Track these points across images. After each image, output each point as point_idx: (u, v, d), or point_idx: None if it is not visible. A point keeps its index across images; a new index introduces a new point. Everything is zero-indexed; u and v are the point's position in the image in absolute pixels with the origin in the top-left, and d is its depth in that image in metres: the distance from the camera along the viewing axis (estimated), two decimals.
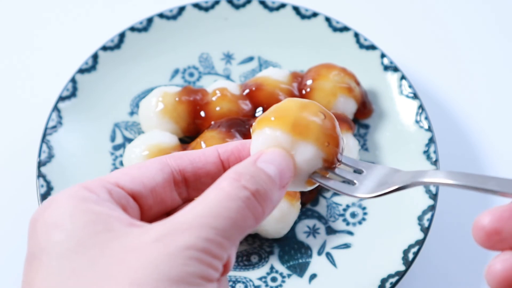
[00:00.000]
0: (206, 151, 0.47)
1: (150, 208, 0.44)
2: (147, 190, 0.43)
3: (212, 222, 0.39)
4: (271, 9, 0.76)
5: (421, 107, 0.69)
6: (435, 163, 0.66)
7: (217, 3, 0.76)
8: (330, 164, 0.46)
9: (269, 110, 0.47)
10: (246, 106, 0.69)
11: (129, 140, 0.71)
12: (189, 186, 0.46)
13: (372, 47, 0.73)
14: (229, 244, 0.39)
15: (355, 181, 0.46)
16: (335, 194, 0.68)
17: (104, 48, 0.73)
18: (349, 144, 0.67)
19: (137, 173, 0.43)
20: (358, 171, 0.46)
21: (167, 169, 0.44)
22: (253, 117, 0.69)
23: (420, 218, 0.64)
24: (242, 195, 0.40)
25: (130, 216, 0.41)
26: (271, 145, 0.45)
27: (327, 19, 0.74)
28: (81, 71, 0.72)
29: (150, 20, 0.75)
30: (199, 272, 0.37)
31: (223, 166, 0.47)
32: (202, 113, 0.69)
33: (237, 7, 0.76)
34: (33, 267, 0.38)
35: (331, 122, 0.46)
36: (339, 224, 0.67)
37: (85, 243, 0.38)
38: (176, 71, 0.75)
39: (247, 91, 0.70)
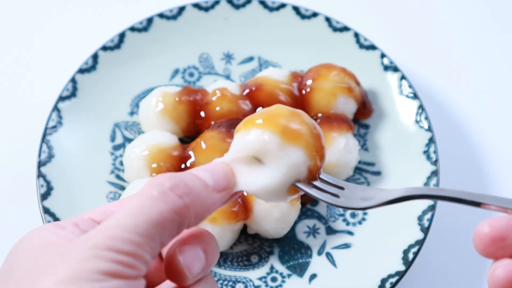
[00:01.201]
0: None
1: None
2: None
3: (121, 221, 0.40)
4: (271, 9, 0.76)
5: (421, 107, 0.69)
6: (435, 163, 0.66)
7: (217, 3, 0.76)
8: (312, 176, 0.46)
9: (256, 113, 0.47)
10: (246, 106, 0.69)
11: (129, 140, 0.71)
12: None
13: (372, 47, 0.73)
14: (144, 240, 0.39)
15: (338, 194, 0.46)
16: None
17: (104, 48, 0.73)
18: (349, 144, 0.67)
19: (110, 206, 0.46)
20: (339, 188, 0.47)
21: None
22: None
23: (420, 218, 0.64)
24: (156, 191, 0.41)
25: None
26: (256, 146, 0.45)
27: (327, 19, 0.74)
28: (81, 71, 0.72)
29: (150, 20, 0.75)
30: (102, 269, 0.38)
31: None
32: (202, 113, 0.69)
33: (237, 7, 0.76)
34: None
35: (319, 134, 0.47)
36: (339, 224, 0.67)
37: (23, 266, 0.41)
38: (176, 71, 0.75)
39: (247, 91, 0.70)
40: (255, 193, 0.46)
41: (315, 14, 0.75)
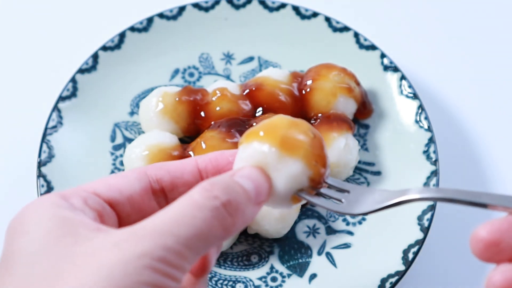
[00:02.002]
0: (185, 160, 0.48)
1: (128, 215, 0.44)
2: (123, 198, 0.44)
3: (174, 230, 0.38)
4: (271, 9, 0.76)
5: (421, 107, 0.69)
6: (434, 163, 0.66)
7: (217, 3, 0.76)
8: (316, 184, 0.46)
9: (258, 125, 0.47)
10: (246, 106, 0.69)
11: (129, 140, 0.71)
12: (167, 196, 0.47)
13: (372, 47, 0.73)
14: (190, 254, 0.39)
15: (342, 200, 0.46)
16: None
17: (104, 48, 0.73)
18: (349, 144, 0.67)
19: (115, 182, 0.44)
20: (344, 191, 0.47)
21: (145, 178, 0.45)
22: (253, 117, 0.69)
23: (420, 218, 0.64)
24: (210, 204, 0.40)
25: (105, 223, 0.42)
26: (257, 159, 0.45)
27: (327, 19, 0.74)
28: (81, 71, 0.72)
29: (150, 20, 0.75)
30: (152, 282, 0.36)
31: (201, 176, 0.47)
32: (202, 113, 0.69)
33: (237, 7, 0.76)
34: (3, 271, 0.39)
35: (320, 142, 0.47)
36: (339, 224, 0.67)
37: (46, 248, 0.38)
38: (176, 71, 0.75)
39: (247, 91, 0.70)
40: None
41: (315, 14, 0.75)
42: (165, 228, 0.38)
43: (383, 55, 0.72)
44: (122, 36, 0.74)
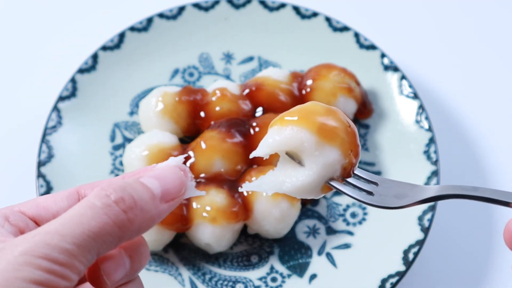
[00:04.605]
0: (119, 176, 0.48)
1: None
2: (49, 215, 0.45)
3: (60, 229, 0.39)
4: (271, 9, 0.76)
5: (421, 107, 0.69)
6: (435, 163, 0.66)
7: (217, 3, 0.76)
8: (347, 173, 0.45)
9: (292, 109, 0.46)
10: (246, 106, 0.69)
11: (129, 140, 0.71)
12: None
13: (372, 47, 0.73)
14: (82, 252, 0.39)
15: (373, 192, 0.45)
16: (335, 194, 0.68)
17: (104, 48, 0.73)
18: None
19: (43, 200, 0.45)
20: (372, 183, 0.46)
21: (74, 196, 0.46)
22: (253, 117, 0.69)
23: (420, 218, 0.64)
24: (101, 202, 0.40)
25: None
26: (293, 144, 0.44)
27: (327, 19, 0.74)
28: (81, 71, 0.72)
29: (150, 20, 0.75)
30: (34, 278, 0.37)
31: None
32: (202, 113, 0.69)
33: (237, 7, 0.76)
34: None
35: (354, 131, 0.46)
36: (339, 224, 0.67)
37: None
38: (176, 71, 0.75)
39: (247, 91, 0.70)
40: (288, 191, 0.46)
41: (315, 14, 0.75)
42: (53, 228, 0.39)
43: (383, 55, 0.72)
44: (121, 36, 0.74)
